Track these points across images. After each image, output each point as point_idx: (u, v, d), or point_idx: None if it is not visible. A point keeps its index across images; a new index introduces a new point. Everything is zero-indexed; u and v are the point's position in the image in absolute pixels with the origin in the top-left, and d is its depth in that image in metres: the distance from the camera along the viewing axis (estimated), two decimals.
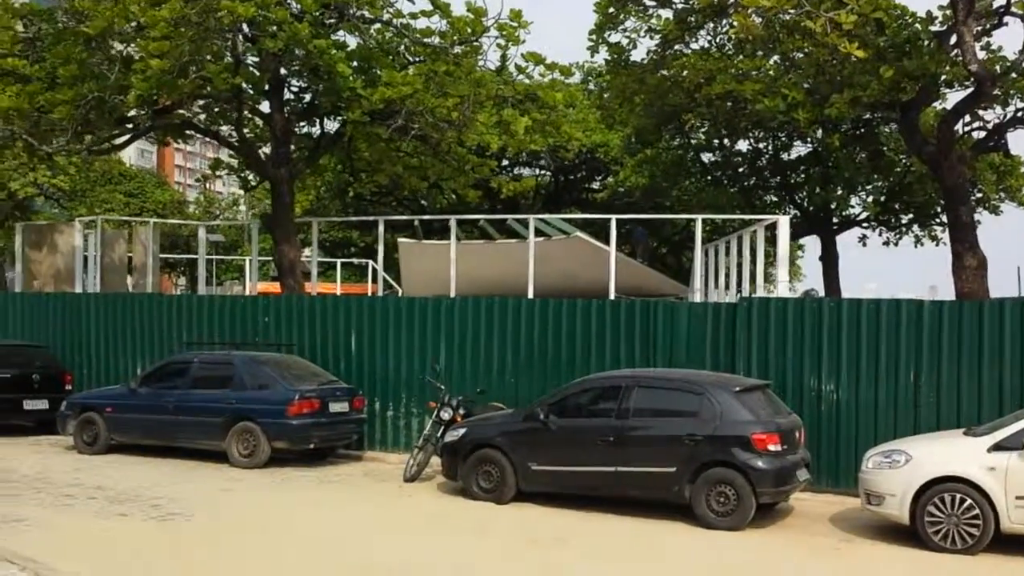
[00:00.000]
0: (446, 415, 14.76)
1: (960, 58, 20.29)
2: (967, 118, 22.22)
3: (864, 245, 35.74)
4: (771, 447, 11.77)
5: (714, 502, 11.82)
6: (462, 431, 13.69)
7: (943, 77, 21.72)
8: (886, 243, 35.35)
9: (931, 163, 21.97)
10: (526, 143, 23.87)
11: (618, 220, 22.17)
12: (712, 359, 14.74)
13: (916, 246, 35.34)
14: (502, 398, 15.84)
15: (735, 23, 19.38)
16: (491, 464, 13.19)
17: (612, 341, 15.51)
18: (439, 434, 14.61)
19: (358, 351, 17.46)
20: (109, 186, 52.16)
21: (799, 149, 33.02)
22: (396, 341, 17.18)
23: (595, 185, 40.97)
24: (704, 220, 23.01)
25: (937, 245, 34.71)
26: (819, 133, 30.45)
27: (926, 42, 20.52)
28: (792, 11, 18.54)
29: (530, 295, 19.24)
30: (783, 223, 20.74)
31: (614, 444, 12.34)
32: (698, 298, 23.81)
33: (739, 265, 22.73)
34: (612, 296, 19.76)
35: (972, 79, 20.29)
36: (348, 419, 16.47)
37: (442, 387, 15.27)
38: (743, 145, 33.28)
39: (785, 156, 32.94)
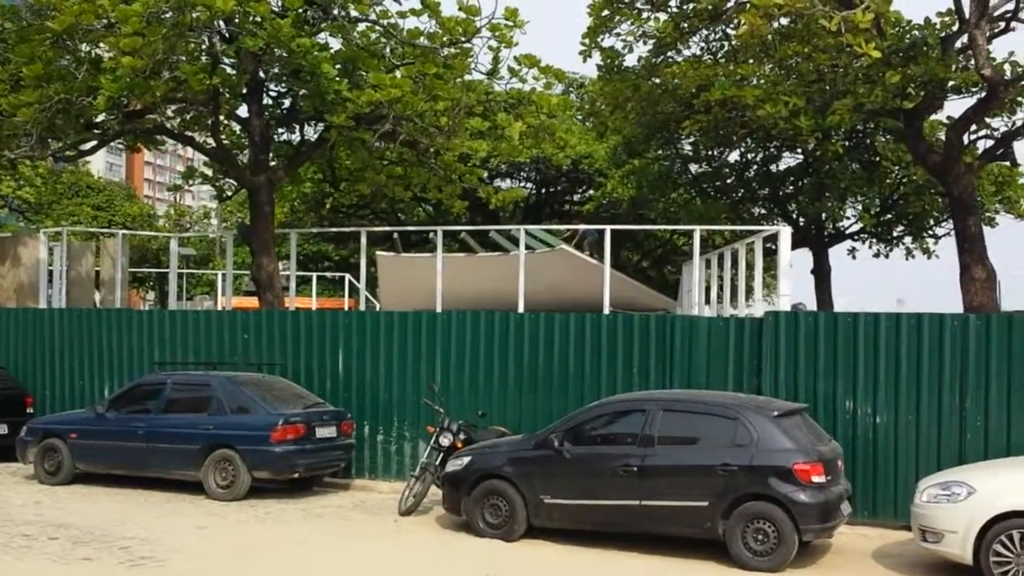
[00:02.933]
0: (445, 441, 13.52)
1: (972, 63, 19.63)
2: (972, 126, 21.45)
3: (854, 258, 34.95)
4: (815, 478, 10.61)
5: (751, 540, 10.64)
6: (466, 459, 12.44)
7: (950, 83, 21.00)
8: (876, 255, 34.67)
9: (937, 173, 21.17)
10: (517, 151, 22.84)
11: (611, 231, 21.08)
12: (735, 379, 13.58)
13: (907, 258, 34.64)
14: (505, 421, 14.64)
15: (741, 24, 18.34)
16: (499, 497, 11.93)
17: (624, 359, 14.34)
18: (438, 462, 13.39)
19: (345, 370, 16.19)
20: (76, 199, 50.73)
21: (788, 160, 32.25)
22: (387, 359, 15.92)
23: (576, 197, 39.98)
24: (693, 232, 21.91)
25: (929, 258, 34.07)
26: (811, 144, 29.69)
27: (931, 47, 19.73)
28: (805, 10, 17.59)
29: (520, 310, 18.11)
30: (784, 234, 19.70)
31: (638, 475, 11.14)
32: (693, 312, 22.78)
33: (733, 278, 21.75)
34: (607, 310, 18.70)
35: (983, 84, 19.55)
36: (336, 445, 15.16)
37: (440, 410, 14.03)
38: (733, 156, 32.44)
39: (774, 168, 32.09)
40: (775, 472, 10.64)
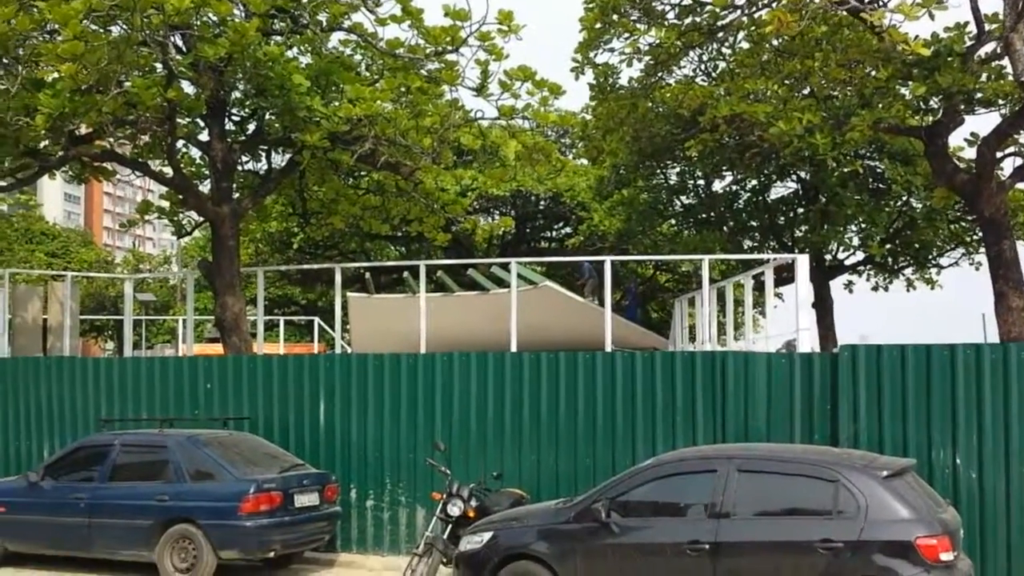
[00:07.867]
0: (455, 510, 11.24)
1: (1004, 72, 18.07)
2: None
3: (851, 292, 33.16)
4: (943, 555, 8.32)
5: None
6: (486, 535, 10.07)
7: (978, 94, 19.35)
8: (875, 288, 33.01)
9: (966, 193, 19.37)
10: (507, 177, 20.79)
11: (612, 262, 19.28)
12: (804, 427, 11.36)
13: (908, 290, 32.93)
14: (520, 483, 12.35)
15: (767, 21, 16.49)
16: None
17: (664, 405, 12.09)
18: (446, 535, 11.11)
19: (328, 424, 13.81)
20: (29, 245, 48.40)
21: (780, 189, 30.53)
22: (377, 410, 13.58)
23: (554, 233, 38.22)
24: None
25: (932, 289, 32.36)
26: (807, 172, 28.07)
27: (955, 57, 18.08)
28: (842, 4, 15.79)
29: (513, 349, 16.04)
30: (802, 262, 18.10)
31: (710, 554, 8.84)
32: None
33: (736, 313, 19.99)
34: (608, 349, 16.74)
35: (1020, 95, 17.91)
36: (319, 514, 12.79)
37: (448, 472, 11.74)
38: (722, 185, 30.77)
39: (767, 196, 30.32)
40: (892, 549, 8.35)
